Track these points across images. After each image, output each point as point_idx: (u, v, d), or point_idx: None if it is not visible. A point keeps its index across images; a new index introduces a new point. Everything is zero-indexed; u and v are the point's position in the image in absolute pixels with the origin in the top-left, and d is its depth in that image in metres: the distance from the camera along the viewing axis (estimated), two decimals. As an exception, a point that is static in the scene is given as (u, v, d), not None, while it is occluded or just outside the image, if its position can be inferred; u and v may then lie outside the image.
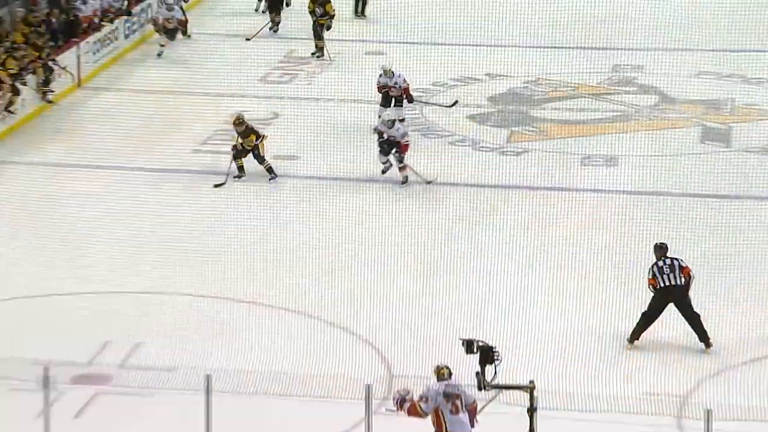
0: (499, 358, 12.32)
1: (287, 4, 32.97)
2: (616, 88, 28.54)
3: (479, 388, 12.51)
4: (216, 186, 23.21)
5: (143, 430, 15.33)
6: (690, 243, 20.46)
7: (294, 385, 15.19)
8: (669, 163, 24.32)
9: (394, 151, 23.21)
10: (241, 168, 23.69)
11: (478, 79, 28.88)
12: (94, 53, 29.47)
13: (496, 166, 24.39)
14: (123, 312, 18.53)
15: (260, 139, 23.74)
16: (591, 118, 26.96)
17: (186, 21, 31.31)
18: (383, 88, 25.51)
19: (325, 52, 30.36)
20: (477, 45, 30.19)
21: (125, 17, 30.89)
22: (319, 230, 21.38)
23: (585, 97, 28.10)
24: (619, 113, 27.12)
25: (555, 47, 30.60)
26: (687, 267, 16.80)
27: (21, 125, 26.12)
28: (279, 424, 15.08)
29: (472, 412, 13.75)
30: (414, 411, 13.61)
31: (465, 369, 12.77)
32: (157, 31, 30.96)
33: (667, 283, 16.61)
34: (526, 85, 28.53)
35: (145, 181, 23.76)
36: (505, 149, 25.23)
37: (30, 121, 26.41)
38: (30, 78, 26.49)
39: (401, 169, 23.05)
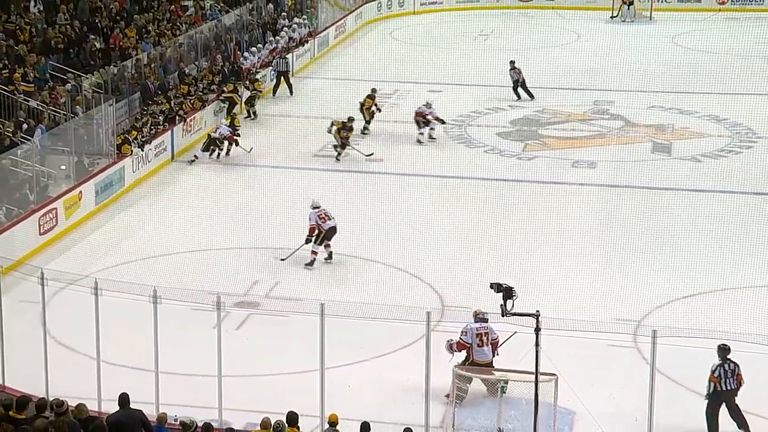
0: (516, 295, 12.10)
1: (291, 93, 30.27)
2: (595, 115, 28.22)
3: (502, 315, 12.15)
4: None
5: (280, 340, 15.48)
6: (642, 219, 20.70)
7: (378, 311, 14.84)
8: (631, 166, 24.17)
9: None
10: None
11: (504, 109, 28.73)
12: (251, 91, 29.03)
13: (515, 167, 24.38)
14: (265, 262, 18.82)
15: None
16: (578, 136, 26.69)
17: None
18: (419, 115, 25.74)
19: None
20: (503, 86, 30.23)
21: (269, 67, 30.70)
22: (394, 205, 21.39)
23: (575, 121, 27.78)
24: (597, 132, 26.87)
25: (556, 88, 30.41)
26: (740, 374, 13.23)
27: (202, 138, 25.88)
28: (370, 338, 15.19)
29: (494, 345, 13.89)
30: (460, 345, 13.81)
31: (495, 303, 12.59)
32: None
33: (726, 388, 13.16)
34: (535, 113, 28.38)
35: (280, 174, 23.89)
36: (521, 156, 25.09)
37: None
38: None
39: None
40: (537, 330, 12.17)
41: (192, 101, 26.34)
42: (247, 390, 14.12)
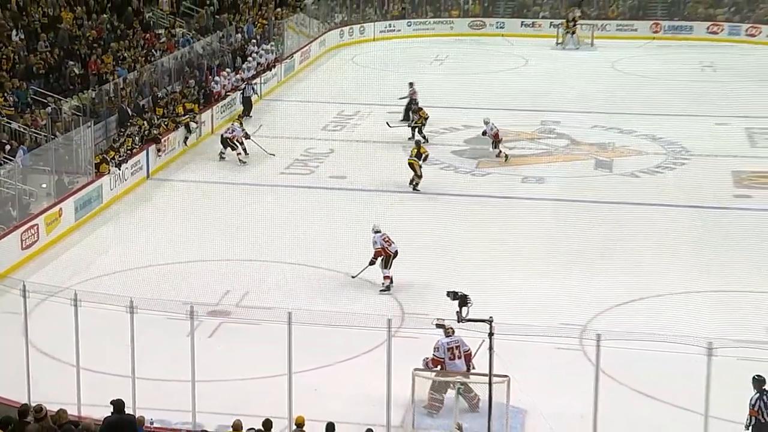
0: (471, 302, 12.18)
1: (247, 115, 29.48)
2: (543, 135, 28.33)
3: (458, 321, 12.19)
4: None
5: (251, 347, 15.40)
6: (586, 231, 20.82)
7: (342, 319, 14.83)
8: (575, 182, 24.30)
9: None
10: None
11: (458, 129, 28.74)
12: (222, 113, 29.41)
13: (469, 182, 24.38)
14: (237, 272, 18.60)
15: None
16: (527, 153, 26.76)
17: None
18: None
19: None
20: (459, 107, 30.35)
21: (239, 91, 30.57)
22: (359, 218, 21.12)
23: (524, 140, 27.82)
24: (544, 150, 26.92)
25: (507, 109, 30.32)
26: None
27: (176, 157, 26.05)
28: (334, 344, 15.15)
29: (467, 358, 13.68)
30: (435, 361, 13.65)
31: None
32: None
33: (764, 420, 12.28)
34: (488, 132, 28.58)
35: (249, 191, 23.73)
36: (474, 172, 25.10)
37: (183, 154, 26.35)
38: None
39: None
40: (490, 335, 12.16)
41: (166, 123, 26.15)
42: (219, 394, 14.03)
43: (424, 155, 23.62)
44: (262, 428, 11.43)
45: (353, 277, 18.40)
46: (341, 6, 42.39)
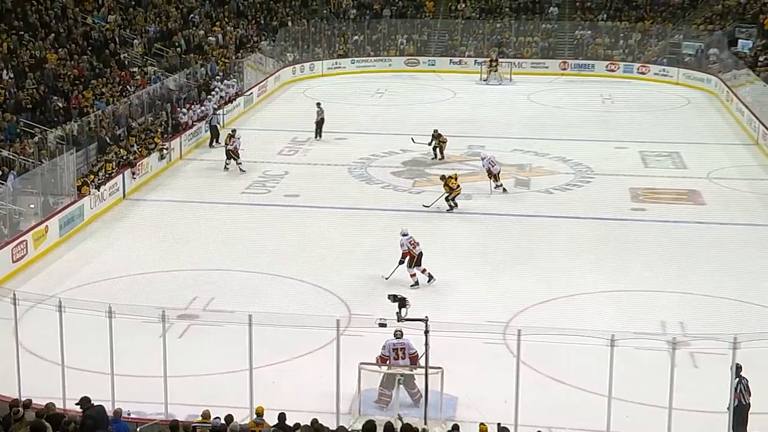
0: (409, 304, 12.37)
1: (216, 142, 28.83)
2: (470, 157, 28.23)
3: (398, 320, 12.26)
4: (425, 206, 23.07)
5: (216, 346, 15.28)
6: (508, 239, 20.97)
7: (297, 320, 14.71)
8: (498, 197, 24.22)
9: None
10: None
11: (397, 153, 28.68)
12: (189, 140, 29.11)
13: (407, 200, 24.29)
14: (204, 280, 18.46)
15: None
16: (457, 173, 26.83)
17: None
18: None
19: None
20: (398, 134, 30.35)
21: (204, 121, 30.26)
22: (307, 229, 21.36)
23: (454, 162, 27.75)
24: (471, 171, 26.80)
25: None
26: (749, 387, 12.43)
27: (149, 180, 25.71)
28: (290, 342, 15.02)
29: (414, 359, 13.44)
30: (382, 359, 13.52)
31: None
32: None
33: (746, 401, 12.32)
34: (422, 155, 28.26)
35: (213, 208, 23.43)
36: (411, 190, 25.01)
37: (155, 177, 26.02)
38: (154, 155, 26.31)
39: None
40: (426, 332, 12.25)
41: (140, 150, 25.87)
42: (188, 388, 13.88)
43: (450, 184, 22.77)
44: (224, 422, 11.33)
45: (386, 278, 18.23)
46: (293, 46, 42.33)
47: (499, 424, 11.20)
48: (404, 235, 18.38)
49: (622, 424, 12.55)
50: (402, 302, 12.34)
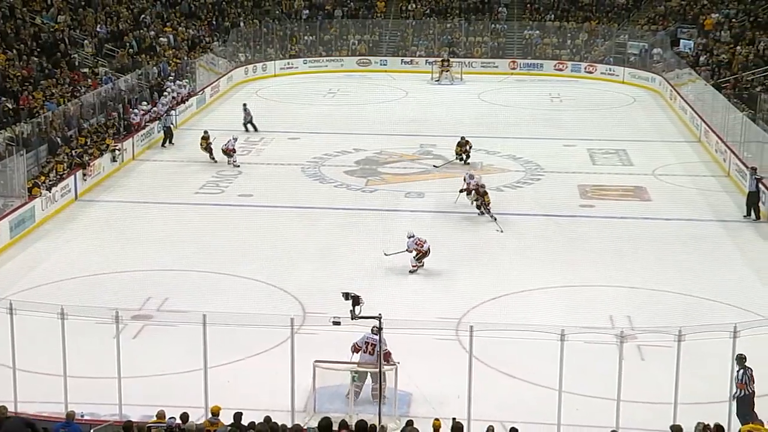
0: (363, 302, 12.15)
1: (170, 142, 28.93)
2: (422, 156, 28.41)
3: (352, 318, 12.08)
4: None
5: (170, 346, 15.16)
6: (461, 237, 21.03)
7: (251, 319, 14.57)
8: (451, 196, 24.03)
9: None
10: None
11: (350, 152, 28.71)
12: (141, 141, 28.81)
13: (360, 198, 24.29)
14: (157, 281, 18.30)
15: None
16: (410, 172, 26.83)
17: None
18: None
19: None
20: (350, 133, 30.43)
21: (157, 121, 29.95)
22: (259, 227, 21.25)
23: (406, 161, 27.89)
24: (424, 169, 27.01)
25: (391, 135, 30.65)
26: (753, 376, 12.63)
27: (101, 181, 25.42)
28: (244, 341, 14.89)
29: (387, 356, 13.43)
30: (355, 347, 13.62)
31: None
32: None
33: (750, 391, 12.52)
34: (375, 154, 28.40)
35: (167, 209, 23.38)
36: (364, 189, 25.03)
37: (107, 178, 25.74)
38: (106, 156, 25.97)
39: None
40: (379, 329, 12.24)
41: (91, 151, 25.49)
42: (143, 388, 13.73)
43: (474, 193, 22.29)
44: (180, 421, 11.23)
45: (386, 254, 18.57)
46: (245, 47, 42.07)
47: (454, 419, 11.25)
48: (410, 237, 18.74)
49: (572, 417, 12.68)
50: (356, 300, 12.28)
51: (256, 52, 42.23)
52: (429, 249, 18.85)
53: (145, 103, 30.46)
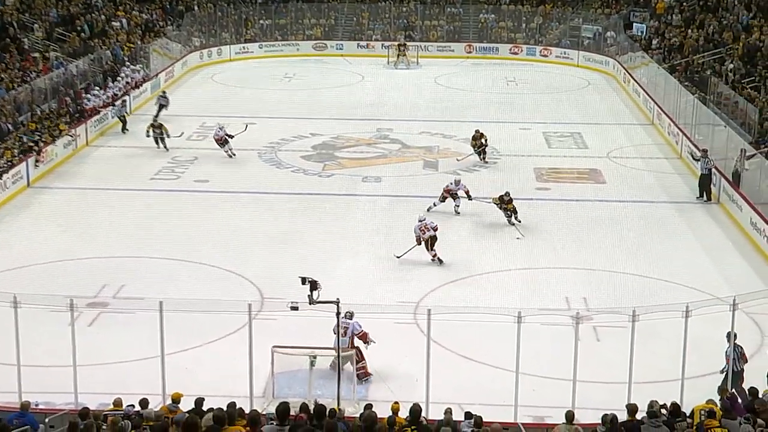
0: (321, 287, 12.09)
1: (126, 129, 28.35)
2: (379, 140, 28.39)
3: (310, 303, 11.97)
4: None
5: (128, 333, 15.02)
6: (415, 218, 20.89)
7: (209, 305, 14.44)
8: (407, 180, 24.45)
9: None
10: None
11: (306, 137, 28.54)
12: (95, 127, 28.37)
13: (317, 183, 24.23)
14: (112, 268, 18.11)
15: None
16: (366, 157, 26.79)
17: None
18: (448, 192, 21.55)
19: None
20: (307, 118, 30.26)
21: (110, 108, 29.50)
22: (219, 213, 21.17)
23: (362, 145, 27.86)
24: (380, 154, 27.04)
25: (347, 119, 30.56)
26: (745, 354, 12.86)
27: (54, 167, 25.01)
28: (202, 327, 14.85)
29: (363, 337, 13.68)
30: (336, 330, 13.48)
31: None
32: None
33: (739, 368, 12.69)
34: (331, 139, 28.31)
35: (122, 195, 23.07)
36: (321, 174, 24.96)
37: (60, 165, 25.32)
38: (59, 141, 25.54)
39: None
40: (338, 314, 12.23)
41: (43, 137, 25.06)
42: (100, 376, 13.61)
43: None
44: (139, 407, 11.14)
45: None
46: (199, 31, 41.60)
47: (415, 404, 11.29)
48: (420, 220, 18.65)
49: (529, 398, 12.80)
50: (313, 285, 12.23)
51: (210, 36, 41.79)
52: (430, 237, 18.26)
53: (97, 88, 30.01)
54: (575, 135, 29.20)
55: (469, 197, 21.51)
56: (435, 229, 18.51)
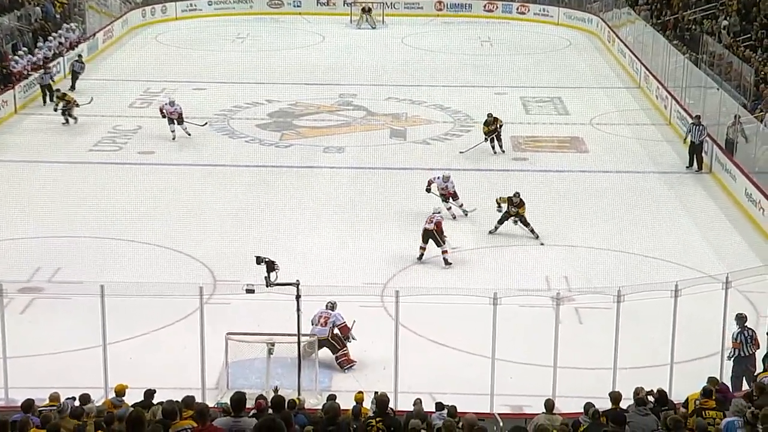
0: (278, 267, 12.20)
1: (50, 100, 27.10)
2: (341, 107, 28.35)
3: (267, 286, 12.15)
4: None
5: (63, 320, 15.00)
6: (384, 196, 20.93)
7: (155, 289, 14.29)
8: (373, 150, 24.43)
9: None
10: None
11: (262, 103, 28.42)
12: (24, 93, 28.00)
13: (274, 154, 24.16)
14: (47, 249, 17.92)
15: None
16: (328, 125, 26.73)
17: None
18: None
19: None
20: (262, 83, 30.08)
21: (41, 71, 28.94)
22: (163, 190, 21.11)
23: (324, 112, 27.78)
24: (343, 122, 26.99)
25: (307, 84, 30.39)
26: (757, 339, 12.94)
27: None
28: (148, 313, 14.79)
29: (344, 330, 13.82)
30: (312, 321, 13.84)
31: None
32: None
33: (748, 353, 12.76)
34: (289, 106, 28.18)
35: (57, 169, 22.84)
36: (279, 144, 24.90)
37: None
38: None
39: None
40: (297, 297, 12.20)
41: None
42: (33, 369, 13.52)
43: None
44: (79, 402, 11.05)
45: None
46: (142, -15, 41.14)
47: (376, 392, 11.32)
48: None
49: (506, 386, 12.90)
50: (270, 265, 12.25)
51: (154, -9, 41.31)
52: (426, 229, 17.43)
53: (26, 49, 29.55)
54: (555, 100, 29.33)
55: (465, 213, 20.01)
56: (438, 224, 17.50)
